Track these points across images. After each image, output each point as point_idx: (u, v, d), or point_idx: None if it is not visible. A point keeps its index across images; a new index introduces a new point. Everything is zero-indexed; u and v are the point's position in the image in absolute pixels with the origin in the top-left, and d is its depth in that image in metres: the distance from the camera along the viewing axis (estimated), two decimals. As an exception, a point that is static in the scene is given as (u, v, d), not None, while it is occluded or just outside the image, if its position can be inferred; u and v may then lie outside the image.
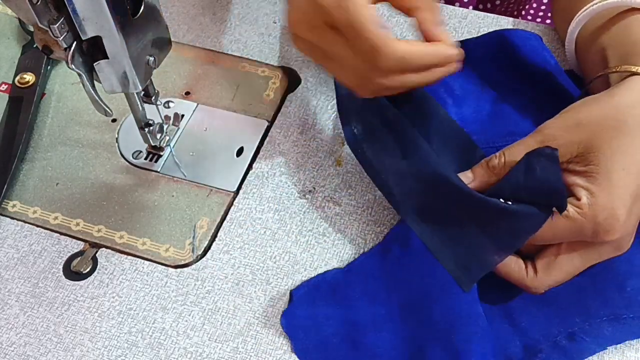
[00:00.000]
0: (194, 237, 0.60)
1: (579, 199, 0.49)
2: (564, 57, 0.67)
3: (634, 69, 0.52)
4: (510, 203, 0.51)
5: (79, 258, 0.59)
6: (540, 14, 1.03)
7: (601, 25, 0.59)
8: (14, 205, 0.62)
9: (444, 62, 0.51)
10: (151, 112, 0.61)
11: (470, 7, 0.84)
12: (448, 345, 0.50)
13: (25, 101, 0.68)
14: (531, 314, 0.54)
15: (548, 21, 1.02)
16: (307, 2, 0.49)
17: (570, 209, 0.49)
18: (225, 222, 0.61)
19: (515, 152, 0.51)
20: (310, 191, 0.62)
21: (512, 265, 0.52)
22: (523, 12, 0.93)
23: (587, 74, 0.62)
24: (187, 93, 0.70)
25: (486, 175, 0.53)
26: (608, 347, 0.53)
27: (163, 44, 0.56)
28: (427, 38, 0.51)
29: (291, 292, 0.56)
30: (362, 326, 0.54)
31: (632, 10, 0.57)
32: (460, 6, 0.82)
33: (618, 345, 0.53)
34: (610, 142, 0.49)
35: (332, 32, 0.49)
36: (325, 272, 0.57)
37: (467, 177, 0.53)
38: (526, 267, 0.52)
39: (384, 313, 0.54)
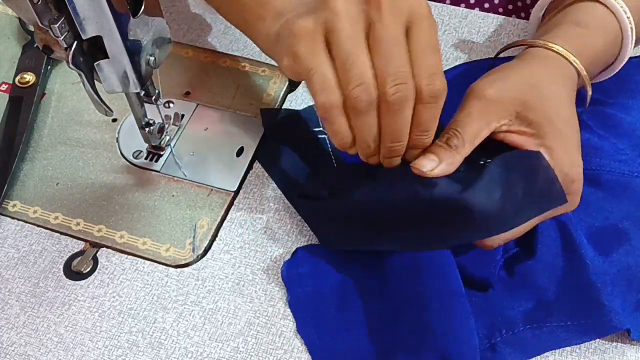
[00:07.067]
0: (194, 236, 0.60)
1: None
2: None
3: (537, 42, 0.56)
4: (489, 161, 0.50)
5: (79, 258, 0.59)
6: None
7: (560, 7, 0.61)
8: (14, 205, 0.62)
9: None
10: (151, 112, 0.61)
11: (514, 16, 0.83)
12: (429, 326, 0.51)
13: (25, 101, 0.68)
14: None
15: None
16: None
17: None
18: (225, 221, 0.61)
19: (467, 126, 0.51)
20: (310, 191, 0.62)
21: None
22: None
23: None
24: (187, 93, 0.70)
25: (451, 156, 0.50)
26: (603, 347, 0.53)
27: (163, 44, 0.56)
28: None
29: (297, 249, 0.58)
30: (354, 290, 0.55)
31: None
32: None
33: (618, 345, 0.53)
34: (544, 102, 0.51)
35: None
36: None
37: (432, 161, 0.50)
38: None
39: (374, 285, 0.55)
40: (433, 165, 0.50)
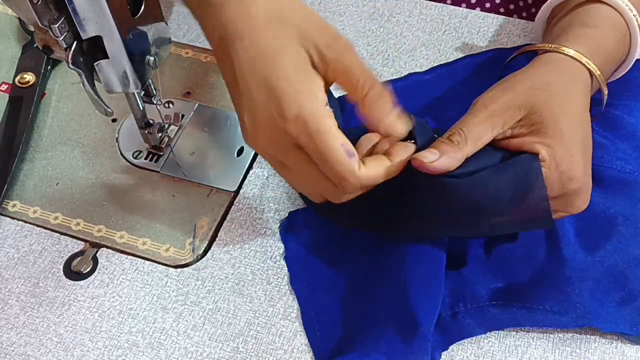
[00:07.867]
0: (194, 237, 0.60)
1: (538, 154, 0.50)
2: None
3: (547, 46, 0.56)
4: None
5: (79, 258, 0.59)
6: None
7: (568, 10, 0.61)
8: (14, 205, 0.62)
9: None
10: (151, 112, 0.61)
11: (514, 16, 0.83)
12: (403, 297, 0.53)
13: (25, 101, 0.68)
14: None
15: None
16: (272, 126, 0.48)
17: None
18: (225, 222, 0.61)
19: (472, 127, 0.51)
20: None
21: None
22: None
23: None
24: (187, 93, 0.70)
25: (453, 151, 0.50)
26: (603, 347, 0.53)
27: (163, 44, 0.56)
28: (378, 132, 0.51)
29: (296, 210, 0.61)
30: (347, 248, 0.58)
31: (598, 1, 0.59)
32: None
33: (618, 345, 0.53)
34: (545, 103, 0.51)
35: (298, 151, 0.48)
36: None
37: (433, 154, 0.50)
38: None
39: (366, 245, 0.57)
40: (434, 158, 0.50)
